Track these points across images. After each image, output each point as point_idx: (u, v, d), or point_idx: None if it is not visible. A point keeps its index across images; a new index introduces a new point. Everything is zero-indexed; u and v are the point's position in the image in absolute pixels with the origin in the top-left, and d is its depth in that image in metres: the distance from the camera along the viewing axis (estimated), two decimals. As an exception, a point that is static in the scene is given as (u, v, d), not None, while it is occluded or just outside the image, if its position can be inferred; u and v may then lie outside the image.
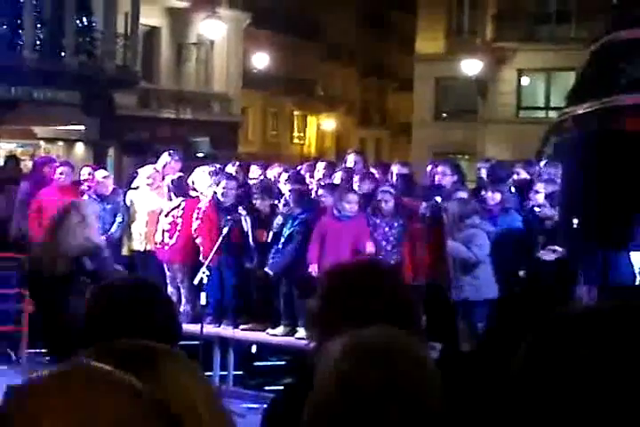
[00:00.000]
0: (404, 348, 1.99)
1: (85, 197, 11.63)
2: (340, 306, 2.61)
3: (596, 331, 1.46)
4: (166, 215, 11.09)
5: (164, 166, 11.82)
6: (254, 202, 10.76)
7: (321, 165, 11.85)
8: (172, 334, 2.64)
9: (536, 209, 9.79)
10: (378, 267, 2.87)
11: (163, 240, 11.03)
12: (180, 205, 11.04)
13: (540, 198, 9.96)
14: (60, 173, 11.86)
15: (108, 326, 2.57)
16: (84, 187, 12.10)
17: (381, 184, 11.05)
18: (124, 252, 11.62)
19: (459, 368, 2.66)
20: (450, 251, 9.52)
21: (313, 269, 9.88)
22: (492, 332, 3.02)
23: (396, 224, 10.06)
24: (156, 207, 11.33)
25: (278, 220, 10.49)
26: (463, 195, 10.63)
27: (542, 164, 11.57)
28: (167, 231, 11.02)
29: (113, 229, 11.51)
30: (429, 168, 11.47)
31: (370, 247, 9.83)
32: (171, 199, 11.13)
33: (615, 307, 1.52)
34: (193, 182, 11.28)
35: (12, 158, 15.36)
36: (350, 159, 12.15)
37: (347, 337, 2.00)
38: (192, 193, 11.19)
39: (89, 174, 12.21)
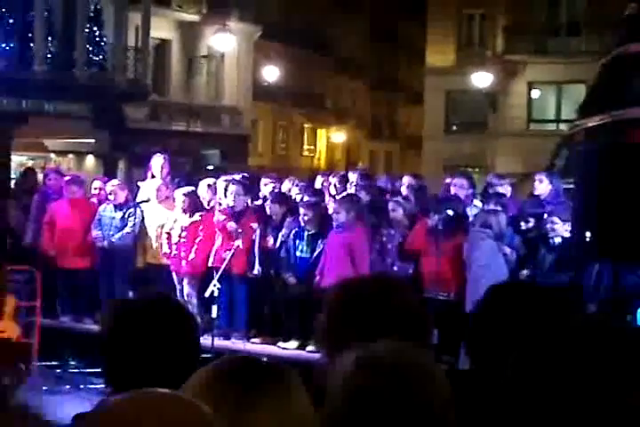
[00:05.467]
0: (415, 362, 1.98)
1: (103, 205, 11.75)
2: (349, 321, 2.57)
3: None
4: (183, 229, 11.09)
5: (162, 169, 11.90)
6: (266, 208, 10.79)
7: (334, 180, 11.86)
8: (198, 351, 2.61)
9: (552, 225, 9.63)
10: (387, 281, 2.82)
11: (179, 253, 11.06)
12: (197, 219, 11.06)
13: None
14: (72, 189, 11.88)
15: (137, 343, 2.51)
16: (94, 200, 12.17)
17: (391, 196, 11.06)
18: (139, 264, 11.68)
19: (465, 380, 2.63)
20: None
21: (317, 280, 10.04)
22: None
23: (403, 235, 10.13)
24: (165, 221, 11.33)
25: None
26: (478, 203, 10.69)
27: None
28: (183, 245, 11.03)
29: (114, 238, 11.56)
30: (447, 180, 11.48)
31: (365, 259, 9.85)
32: (185, 213, 11.12)
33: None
34: (198, 196, 11.35)
35: (29, 170, 15.40)
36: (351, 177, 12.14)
37: (357, 352, 1.99)
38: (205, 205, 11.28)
39: (100, 189, 12.23)
